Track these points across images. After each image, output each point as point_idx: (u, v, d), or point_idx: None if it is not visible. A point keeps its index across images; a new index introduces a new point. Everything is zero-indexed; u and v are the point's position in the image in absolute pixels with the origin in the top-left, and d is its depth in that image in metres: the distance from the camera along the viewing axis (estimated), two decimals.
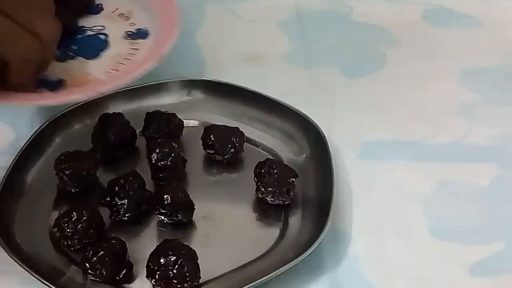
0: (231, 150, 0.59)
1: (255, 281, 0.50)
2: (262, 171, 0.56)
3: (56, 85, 0.55)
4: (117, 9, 0.63)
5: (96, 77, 0.56)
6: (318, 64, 0.72)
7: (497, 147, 0.63)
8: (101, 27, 0.61)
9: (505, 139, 0.64)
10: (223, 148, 0.59)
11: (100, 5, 0.63)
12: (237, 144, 0.59)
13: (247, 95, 0.63)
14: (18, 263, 0.50)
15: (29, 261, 0.51)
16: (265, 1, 0.79)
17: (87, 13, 0.62)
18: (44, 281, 0.49)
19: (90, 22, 0.62)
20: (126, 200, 0.54)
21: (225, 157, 0.59)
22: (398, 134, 0.64)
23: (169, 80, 0.64)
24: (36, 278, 0.50)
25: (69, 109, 0.61)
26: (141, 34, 0.60)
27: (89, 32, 0.60)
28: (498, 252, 0.55)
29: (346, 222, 0.57)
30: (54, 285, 0.49)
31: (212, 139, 0.59)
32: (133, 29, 0.61)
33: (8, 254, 0.50)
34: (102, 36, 0.60)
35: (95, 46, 0.59)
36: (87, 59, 0.58)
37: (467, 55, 0.73)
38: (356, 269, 0.54)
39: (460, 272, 0.54)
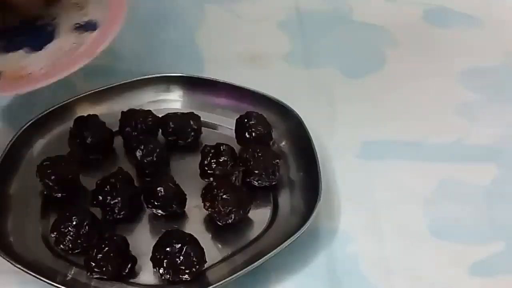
0: (192, 134, 0.60)
1: (259, 259, 0.51)
2: (247, 155, 0.57)
3: None
4: None
5: (30, 71, 0.54)
6: (318, 64, 0.72)
7: (497, 147, 0.63)
8: (51, 17, 0.59)
9: (505, 139, 0.64)
10: (184, 134, 0.60)
11: None
12: (195, 127, 0.60)
13: (222, 87, 0.64)
14: (21, 269, 0.50)
15: (31, 267, 0.51)
16: (265, 1, 0.79)
17: None
18: (47, 281, 0.50)
19: (42, 10, 0.59)
20: (119, 198, 0.54)
21: (187, 141, 0.60)
22: (398, 134, 0.64)
23: (137, 78, 0.65)
24: (38, 278, 0.50)
25: (37, 118, 0.60)
26: (89, 26, 0.58)
27: (38, 22, 0.58)
28: (498, 252, 0.55)
29: (346, 222, 0.57)
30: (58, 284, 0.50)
31: (172, 125, 0.60)
32: (83, 20, 0.59)
33: (11, 263, 0.50)
34: (50, 27, 0.58)
35: (41, 37, 0.57)
36: (30, 51, 0.56)
37: (467, 55, 0.73)
38: (356, 269, 0.54)
39: (460, 272, 0.54)
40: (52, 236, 0.53)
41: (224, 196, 0.53)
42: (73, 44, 0.56)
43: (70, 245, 0.52)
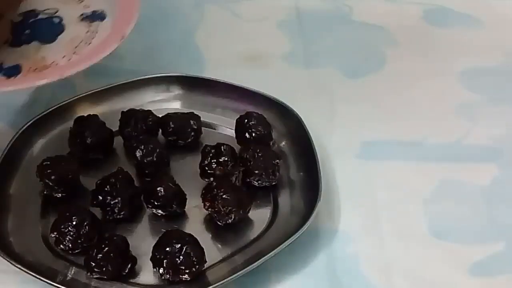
0: (192, 134, 0.60)
1: (259, 259, 0.51)
2: (247, 155, 0.57)
3: (13, 71, 0.53)
4: None
5: (52, 61, 0.54)
6: (318, 64, 0.72)
7: (497, 147, 0.63)
8: (53, 10, 0.58)
9: (505, 139, 0.64)
10: (184, 134, 0.60)
11: None
12: (196, 127, 0.60)
13: (222, 87, 0.64)
14: (21, 269, 0.50)
15: (31, 267, 0.51)
16: (265, 1, 0.79)
17: None
18: (47, 281, 0.50)
19: (42, 5, 0.59)
20: (119, 198, 0.54)
21: (187, 141, 0.60)
22: (398, 134, 0.64)
23: (142, 77, 0.65)
24: (38, 279, 0.50)
25: (37, 117, 0.60)
26: (97, 16, 0.58)
27: (41, 16, 0.58)
28: (498, 252, 0.55)
29: (346, 222, 0.57)
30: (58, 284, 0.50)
31: (172, 125, 0.60)
32: (88, 11, 0.58)
33: (11, 263, 0.50)
34: (56, 19, 0.58)
35: (50, 29, 0.57)
36: (43, 43, 0.56)
37: (467, 55, 0.73)
38: (356, 269, 0.54)
39: (460, 272, 0.54)
40: (52, 236, 0.53)
41: (224, 196, 0.53)
42: (87, 33, 0.56)
43: (70, 245, 0.52)
